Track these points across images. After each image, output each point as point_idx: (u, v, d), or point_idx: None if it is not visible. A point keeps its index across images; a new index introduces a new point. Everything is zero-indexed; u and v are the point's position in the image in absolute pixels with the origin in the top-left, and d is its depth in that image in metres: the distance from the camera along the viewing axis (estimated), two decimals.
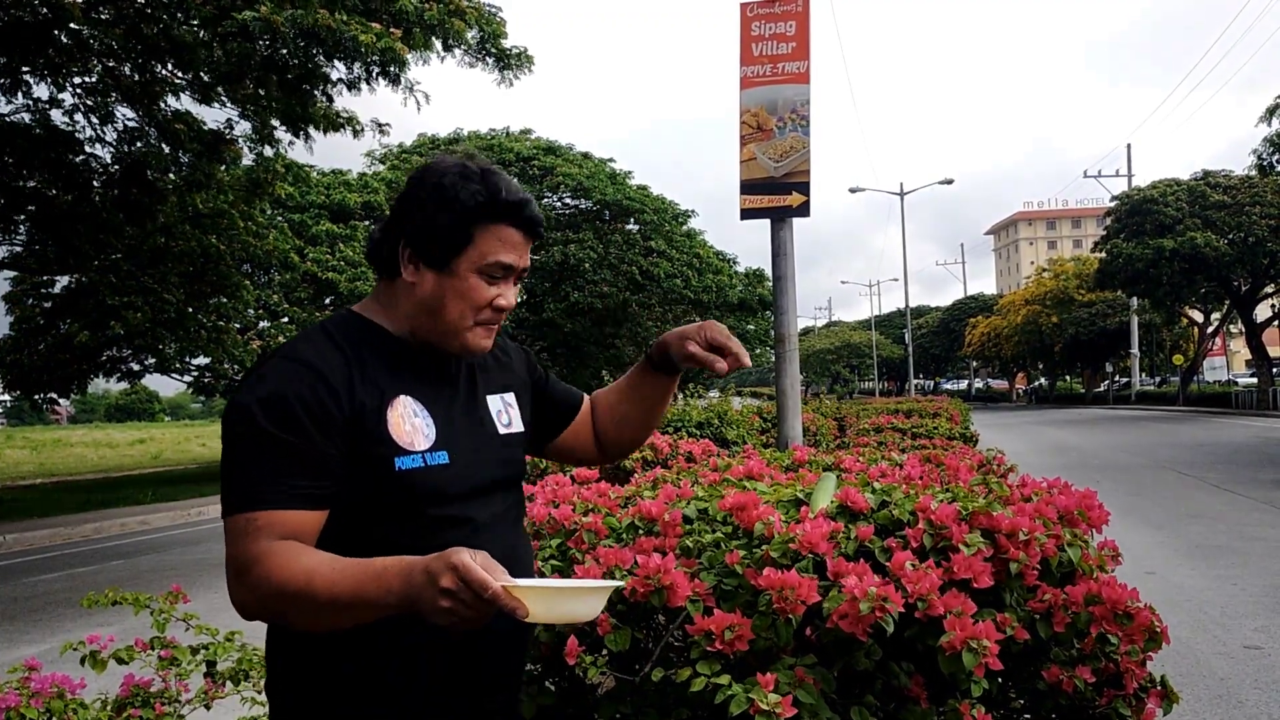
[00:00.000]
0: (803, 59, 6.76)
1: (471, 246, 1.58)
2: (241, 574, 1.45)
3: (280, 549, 1.44)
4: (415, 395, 1.62)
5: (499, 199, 1.58)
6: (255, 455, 1.48)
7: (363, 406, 1.54)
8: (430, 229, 1.58)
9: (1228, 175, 40.92)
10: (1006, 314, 63.34)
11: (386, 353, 1.63)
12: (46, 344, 21.74)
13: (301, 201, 26.23)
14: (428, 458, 1.57)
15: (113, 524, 15.38)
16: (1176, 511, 11.63)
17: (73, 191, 14.50)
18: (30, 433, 55.69)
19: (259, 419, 1.48)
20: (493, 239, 1.59)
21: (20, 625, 8.00)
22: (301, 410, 1.49)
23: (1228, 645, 5.95)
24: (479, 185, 1.58)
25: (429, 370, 1.66)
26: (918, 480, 2.79)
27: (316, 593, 1.39)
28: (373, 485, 1.54)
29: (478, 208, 1.57)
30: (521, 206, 1.61)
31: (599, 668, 2.09)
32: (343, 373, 1.55)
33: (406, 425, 1.58)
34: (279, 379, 1.51)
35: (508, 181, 1.61)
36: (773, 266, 7.07)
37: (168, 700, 2.74)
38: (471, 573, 1.26)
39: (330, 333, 1.62)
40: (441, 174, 1.60)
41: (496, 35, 12.49)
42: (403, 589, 1.33)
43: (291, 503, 1.47)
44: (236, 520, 1.47)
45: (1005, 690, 2.21)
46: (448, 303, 1.60)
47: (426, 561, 1.31)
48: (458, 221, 1.57)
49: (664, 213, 34.86)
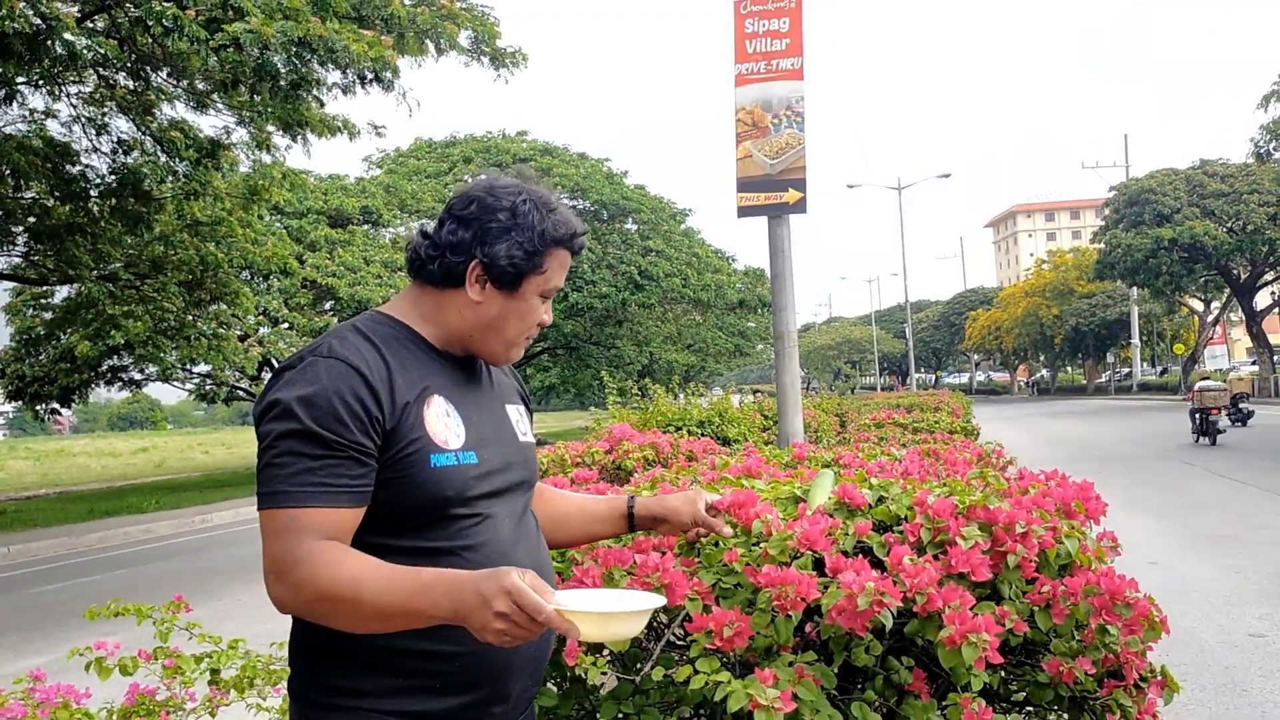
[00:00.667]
0: (796, 55, 6.77)
1: (542, 272, 1.66)
2: (283, 573, 1.46)
3: (326, 551, 1.45)
4: (448, 395, 1.65)
5: (576, 232, 1.69)
6: (298, 452, 1.49)
7: (405, 405, 1.57)
8: (512, 256, 1.62)
9: (1225, 164, 40.91)
10: (1006, 306, 63.33)
11: (421, 352, 1.67)
12: (47, 354, 21.76)
13: (299, 207, 26.24)
14: (460, 456, 1.60)
15: (116, 533, 15.40)
16: (1180, 501, 11.63)
17: (70, 202, 14.51)
18: (33, 443, 55.69)
19: (302, 416, 1.49)
20: (557, 265, 1.68)
21: (25, 636, 8.01)
22: (343, 408, 1.50)
23: (1232, 634, 5.95)
24: (558, 217, 1.66)
25: (458, 374, 1.71)
26: (915, 475, 2.79)
27: (363, 601, 1.42)
28: (407, 481, 1.55)
29: (558, 240, 1.65)
30: (576, 236, 1.69)
31: (599, 668, 2.09)
32: (381, 372, 1.57)
33: (440, 424, 1.60)
34: (320, 377, 1.52)
35: (561, 208, 1.69)
36: (770, 264, 7.07)
37: (173, 709, 2.75)
38: (525, 597, 1.29)
39: (364, 332, 1.63)
40: (517, 199, 1.64)
41: (490, 36, 12.52)
42: (452, 606, 1.35)
43: (335, 500, 1.49)
44: (278, 516, 1.48)
45: (1006, 683, 2.21)
46: (509, 322, 1.67)
47: (477, 581, 1.33)
48: (539, 249, 1.64)
49: (661, 211, 34.89)
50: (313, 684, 1.59)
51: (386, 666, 1.54)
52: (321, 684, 1.58)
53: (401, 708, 1.54)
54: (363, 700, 1.54)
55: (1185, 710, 4.62)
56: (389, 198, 30.06)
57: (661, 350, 38.52)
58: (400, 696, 1.54)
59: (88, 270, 16.42)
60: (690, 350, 40.32)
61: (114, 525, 16.15)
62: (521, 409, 1.87)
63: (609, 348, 36.53)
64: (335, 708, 1.56)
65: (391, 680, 1.54)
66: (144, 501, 19.50)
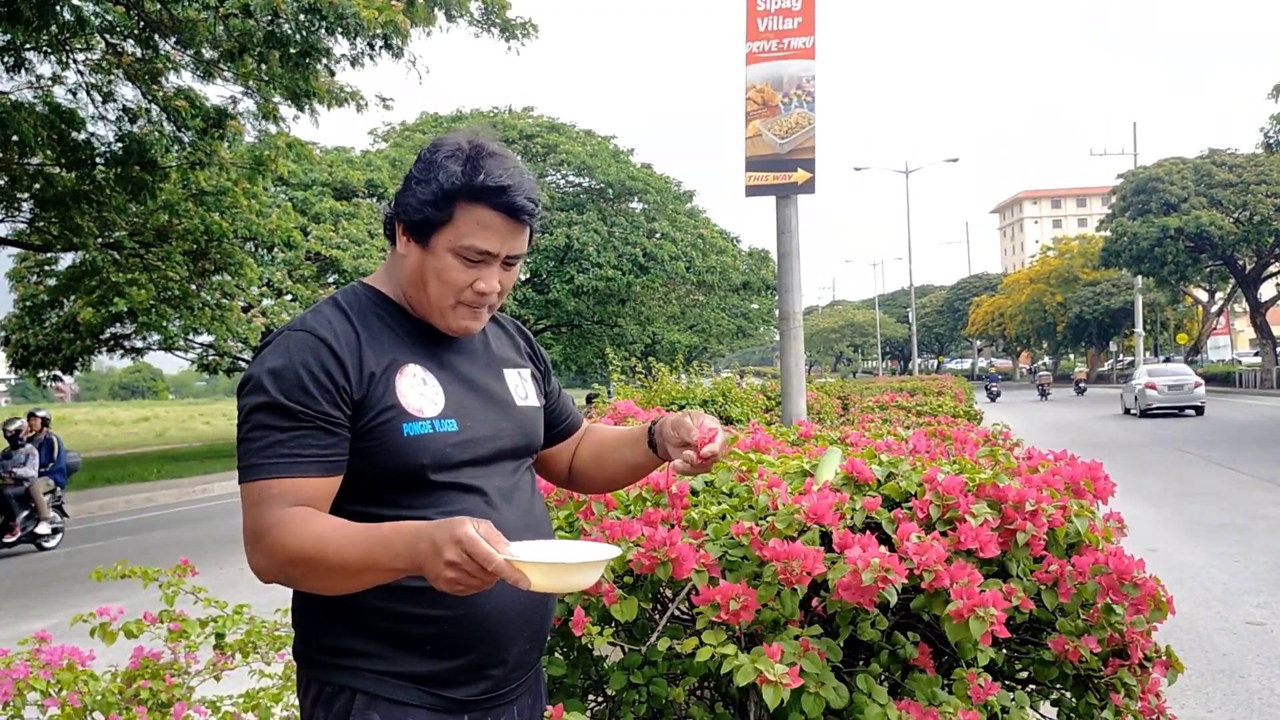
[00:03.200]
0: (808, 34, 6.71)
1: (450, 226, 1.58)
2: (257, 540, 1.49)
3: (293, 516, 1.47)
4: (427, 364, 1.64)
5: (475, 181, 1.56)
6: (266, 424, 1.52)
7: (371, 375, 1.57)
8: (414, 203, 1.59)
9: (1233, 153, 40.74)
10: (1011, 293, 63.22)
11: (398, 322, 1.66)
12: (51, 322, 21.77)
13: (305, 179, 26.16)
14: (436, 424, 1.59)
15: (118, 500, 15.46)
16: (1179, 489, 11.64)
17: (76, 169, 14.48)
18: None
19: (270, 389, 1.52)
20: (471, 222, 1.57)
21: (27, 600, 8.05)
22: (309, 379, 1.52)
23: (1230, 621, 5.97)
24: (461, 166, 1.56)
25: (443, 340, 1.68)
26: (924, 453, 2.79)
27: (327, 558, 1.43)
28: (381, 451, 1.56)
29: (455, 189, 1.56)
30: (501, 191, 1.56)
31: (605, 638, 2.10)
32: (351, 342, 1.58)
33: (415, 392, 1.60)
34: (289, 350, 1.55)
35: (498, 164, 1.58)
36: (778, 244, 7.04)
37: (177, 672, 2.76)
38: (476, 546, 1.29)
39: (340, 304, 1.65)
40: (435, 150, 1.60)
41: (500, 6, 12.47)
42: (409, 555, 1.36)
43: (303, 470, 1.51)
44: (251, 488, 1.51)
45: (1010, 661, 2.22)
46: (428, 280, 1.61)
47: (431, 531, 1.34)
48: (437, 199, 1.57)
49: (667, 192, 34.77)
50: (312, 645, 1.63)
51: (377, 629, 1.56)
52: (320, 644, 1.61)
53: (396, 668, 1.56)
54: (359, 660, 1.57)
55: (1183, 696, 4.65)
56: (394, 171, 29.95)
57: (664, 330, 38.50)
58: (394, 658, 1.57)
59: (92, 238, 16.40)
60: (693, 331, 40.31)
61: (115, 493, 16.21)
62: (526, 372, 1.83)
63: (612, 326, 36.51)
64: (335, 667, 1.59)
65: (381, 642, 1.57)
66: (145, 470, 19.56)
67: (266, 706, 2.77)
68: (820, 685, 1.86)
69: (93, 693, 2.60)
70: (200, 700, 2.74)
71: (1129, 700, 2.06)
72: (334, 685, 1.58)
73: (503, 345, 1.82)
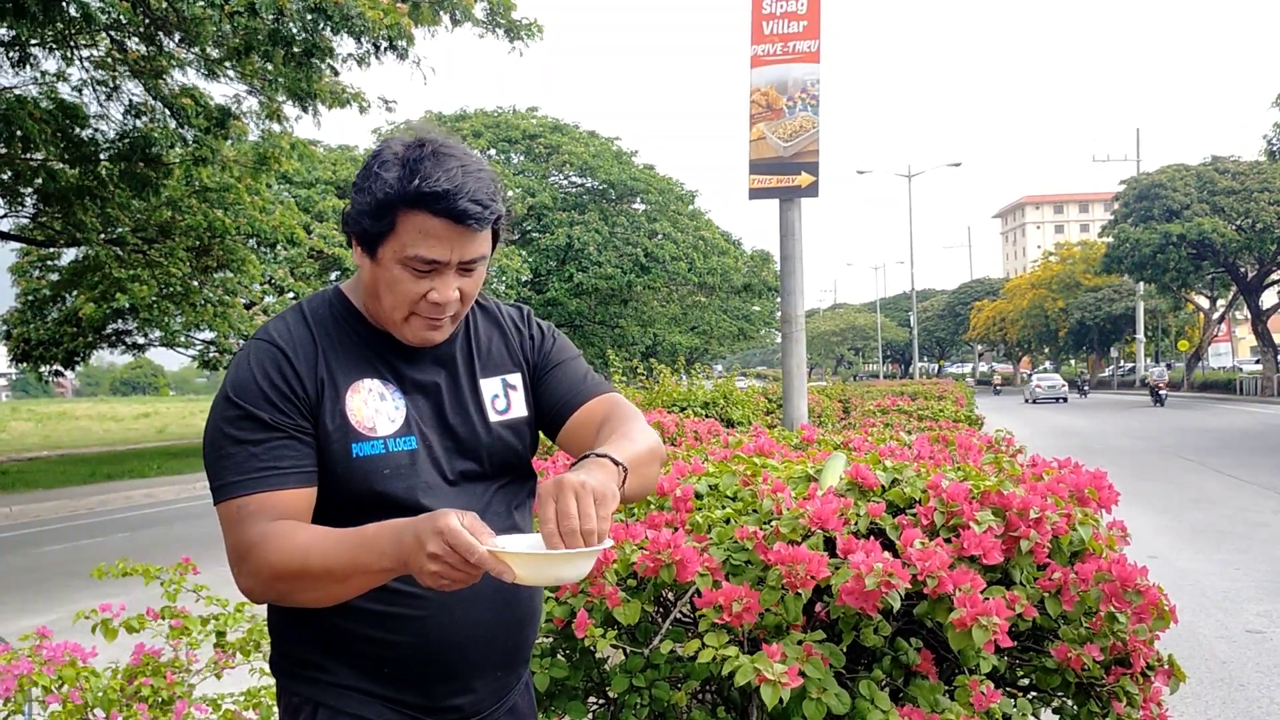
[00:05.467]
0: (813, 38, 6.72)
1: (394, 236, 1.47)
2: (241, 561, 1.44)
3: (274, 530, 1.43)
4: (389, 378, 1.58)
5: (409, 188, 1.44)
6: (234, 440, 1.47)
7: (322, 388, 1.52)
8: (353, 214, 1.50)
9: (1236, 160, 40.71)
10: (1012, 298, 63.16)
11: (361, 334, 1.59)
12: (52, 317, 21.78)
13: (308, 177, 26.19)
14: (390, 443, 1.53)
15: (118, 497, 15.45)
16: (1180, 496, 11.63)
17: (79, 165, 14.49)
18: (35, 405, 55.87)
19: (233, 402, 1.48)
20: (414, 230, 1.46)
21: (27, 595, 8.05)
22: (270, 388, 1.49)
23: (1230, 629, 5.96)
24: (397, 172, 1.45)
25: (410, 351, 1.59)
26: (928, 459, 2.79)
27: (313, 568, 1.39)
28: (332, 475, 1.51)
29: (389, 197, 1.45)
30: (440, 197, 1.43)
31: (608, 640, 2.10)
32: (308, 351, 1.54)
33: (369, 410, 1.54)
34: (248, 360, 1.52)
35: (437, 166, 1.45)
36: (780, 246, 7.05)
37: (178, 669, 2.76)
38: (459, 538, 1.25)
39: (304, 311, 1.60)
40: (375, 155, 1.50)
41: (505, 7, 12.48)
42: (394, 553, 1.32)
43: (277, 483, 1.46)
44: (228, 507, 1.47)
45: (1012, 668, 2.22)
46: (381, 293, 1.52)
47: (415, 525, 1.30)
48: (373, 209, 1.47)
49: (669, 193, 34.77)
50: (283, 655, 1.62)
51: (339, 647, 1.54)
52: (290, 655, 1.60)
53: (359, 685, 1.55)
54: (321, 674, 1.56)
55: (1182, 704, 4.64)
56: None
57: (666, 331, 38.51)
58: (354, 675, 1.55)
59: (95, 233, 16.43)
60: (694, 332, 40.31)
61: (115, 489, 16.20)
62: (515, 377, 1.69)
63: (613, 327, 36.52)
64: (302, 678, 1.58)
65: (338, 660, 1.55)
66: (145, 466, 19.56)
67: (267, 705, 2.77)
68: (822, 690, 1.86)
69: (94, 689, 2.60)
70: (201, 698, 2.75)
71: (1131, 709, 2.06)
72: (300, 696, 1.58)
73: (490, 349, 1.69)
